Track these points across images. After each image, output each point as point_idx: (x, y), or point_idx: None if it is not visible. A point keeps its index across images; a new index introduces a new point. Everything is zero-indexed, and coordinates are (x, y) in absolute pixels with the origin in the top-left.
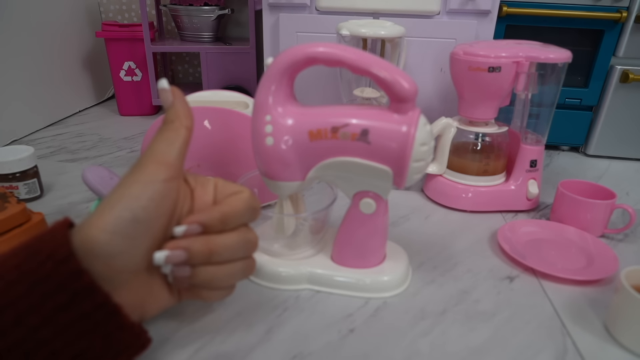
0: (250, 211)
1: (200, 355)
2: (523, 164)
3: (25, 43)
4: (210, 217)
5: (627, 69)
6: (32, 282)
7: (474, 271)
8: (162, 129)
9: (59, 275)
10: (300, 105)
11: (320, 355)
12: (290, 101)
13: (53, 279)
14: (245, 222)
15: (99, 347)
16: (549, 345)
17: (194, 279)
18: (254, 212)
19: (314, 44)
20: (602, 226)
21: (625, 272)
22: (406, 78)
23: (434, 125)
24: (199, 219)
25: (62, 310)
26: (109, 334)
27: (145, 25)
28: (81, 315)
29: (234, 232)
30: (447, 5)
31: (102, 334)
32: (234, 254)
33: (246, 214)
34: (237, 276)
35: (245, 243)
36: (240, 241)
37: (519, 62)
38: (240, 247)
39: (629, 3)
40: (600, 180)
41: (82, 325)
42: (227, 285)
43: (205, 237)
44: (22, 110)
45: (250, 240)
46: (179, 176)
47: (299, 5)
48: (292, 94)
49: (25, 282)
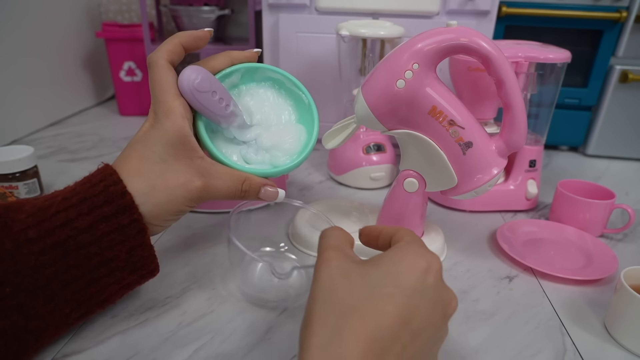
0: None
1: (200, 355)
2: (522, 164)
3: (25, 43)
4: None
5: (627, 69)
6: (83, 197)
7: (473, 271)
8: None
9: (108, 194)
10: (442, 83)
11: None
12: (435, 74)
13: (102, 196)
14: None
15: (122, 259)
16: (548, 345)
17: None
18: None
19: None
20: (601, 226)
21: (625, 272)
22: (525, 135)
23: None
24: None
25: (105, 220)
26: (132, 248)
27: (145, 25)
28: (118, 226)
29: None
30: (447, 6)
31: (129, 247)
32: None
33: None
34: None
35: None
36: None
37: (518, 62)
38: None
39: (629, 3)
40: (599, 180)
41: (116, 235)
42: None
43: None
44: (22, 110)
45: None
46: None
47: (298, 6)
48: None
49: (78, 197)
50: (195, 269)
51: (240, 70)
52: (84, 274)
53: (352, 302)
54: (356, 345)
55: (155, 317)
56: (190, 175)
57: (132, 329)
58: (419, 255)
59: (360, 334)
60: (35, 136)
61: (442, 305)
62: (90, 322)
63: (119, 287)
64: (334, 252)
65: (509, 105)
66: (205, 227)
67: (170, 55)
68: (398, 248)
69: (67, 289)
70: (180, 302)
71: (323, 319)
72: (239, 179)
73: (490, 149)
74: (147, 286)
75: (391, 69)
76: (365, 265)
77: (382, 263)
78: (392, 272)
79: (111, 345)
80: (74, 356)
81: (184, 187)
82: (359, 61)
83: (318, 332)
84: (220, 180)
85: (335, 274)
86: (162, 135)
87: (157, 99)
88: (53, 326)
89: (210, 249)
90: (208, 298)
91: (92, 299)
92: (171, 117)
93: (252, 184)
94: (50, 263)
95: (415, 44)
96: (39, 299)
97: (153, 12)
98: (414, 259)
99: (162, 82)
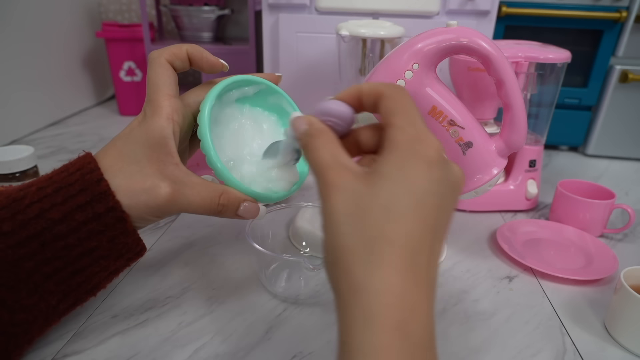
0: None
1: (200, 355)
2: (522, 163)
3: (25, 43)
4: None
5: (627, 69)
6: (59, 187)
7: (473, 271)
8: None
9: (84, 182)
10: (442, 83)
11: (320, 355)
12: (435, 74)
13: (78, 184)
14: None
15: (105, 248)
16: (548, 345)
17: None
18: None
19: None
20: (601, 226)
21: (625, 272)
22: (525, 135)
23: None
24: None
25: (79, 209)
26: (114, 236)
27: (145, 25)
28: (94, 215)
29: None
30: (447, 6)
31: (109, 236)
32: None
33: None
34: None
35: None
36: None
37: (518, 62)
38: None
39: (629, 3)
40: (599, 180)
41: (94, 225)
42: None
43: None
44: (22, 110)
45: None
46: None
47: (298, 6)
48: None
49: (53, 187)
50: (195, 269)
51: (260, 85)
52: (66, 265)
53: (374, 228)
54: (395, 273)
55: (155, 317)
56: (158, 180)
57: (132, 329)
58: (418, 145)
59: (395, 260)
60: (35, 136)
61: (451, 189)
62: (90, 322)
63: (106, 273)
64: (337, 172)
65: (509, 105)
66: (205, 227)
67: (172, 56)
68: (394, 145)
69: (50, 280)
70: (180, 302)
71: (353, 254)
72: (216, 192)
73: (490, 149)
74: (147, 286)
75: (391, 69)
76: (371, 181)
77: (387, 172)
78: (400, 182)
79: (111, 345)
80: (74, 356)
81: (148, 192)
82: (359, 61)
83: (352, 269)
84: (193, 191)
85: (347, 201)
86: (142, 134)
87: (148, 97)
88: (41, 318)
89: (210, 249)
90: (208, 298)
91: (79, 288)
92: (155, 117)
93: (230, 198)
94: (28, 256)
95: (415, 44)
96: (21, 292)
97: (153, 12)
98: (415, 155)
99: (157, 80)
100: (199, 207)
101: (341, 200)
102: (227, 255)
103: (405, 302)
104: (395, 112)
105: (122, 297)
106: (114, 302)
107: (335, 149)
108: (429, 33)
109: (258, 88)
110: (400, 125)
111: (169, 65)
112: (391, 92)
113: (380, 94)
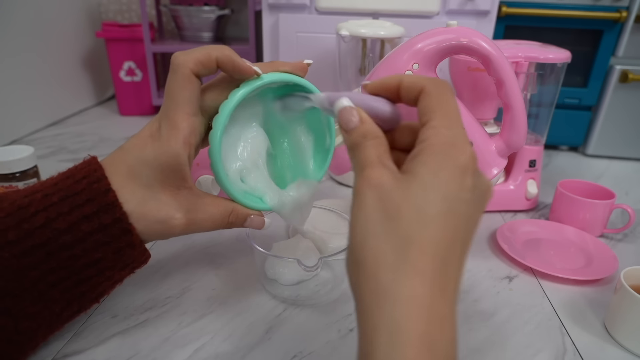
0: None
1: (200, 355)
2: (522, 163)
3: (25, 43)
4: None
5: (627, 69)
6: (65, 195)
7: (473, 271)
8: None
9: (90, 191)
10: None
11: (320, 355)
12: (435, 74)
13: (84, 194)
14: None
15: (110, 259)
16: (548, 345)
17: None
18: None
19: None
20: (601, 226)
21: (625, 272)
22: (524, 135)
23: None
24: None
25: (86, 219)
26: (120, 248)
27: (145, 25)
28: (100, 226)
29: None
30: (447, 6)
31: (115, 248)
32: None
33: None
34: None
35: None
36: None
37: (518, 62)
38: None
39: (629, 3)
40: (599, 180)
41: (99, 236)
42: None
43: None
44: (22, 110)
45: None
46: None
47: (298, 6)
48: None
49: (59, 195)
50: (195, 269)
51: (290, 84)
52: (71, 274)
53: (406, 232)
54: (424, 283)
55: (155, 317)
56: (173, 210)
57: (132, 329)
58: (452, 150)
59: (424, 269)
60: (35, 136)
61: (480, 199)
62: (90, 322)
63: (111, 282)
64: (378, 171)
65: (509, 105)
66: None
67: (198, 66)
68: (430, 147)
69: (54, 289)
70: (180, 302)
71: (381, 256)
72: (226, 211)
73: (490, 149)
74: (147, 286)
75: (391, 69)
76: (406, 182)
77: (421, 175)
78: (434, 186)
79: (111, 345)
80: (74, 356)
81: (162, 223)
82: (359, 61)
83: (378, 273)
84: (206, 215)
85: (382, 199)
86: (155, 157)
87: (166, 112)
88: (45, 325)
89: (210, 249)
90: (208, 298)
91: (83, 297)
92: (172, 140)
93: (239, 216)
94: (33, 265)
95: (415, 44)
96: (26, 300)
97: (153, 12)
98: (449, 160)
99: (177, 95)
100: (210, 228)
101: (377, 198)
102: (227, 255)
103: (433, 315)
104: (434, 112)
105: (122, 297)
106: (114, 302)
107: (384, 152)
108: (429, 33)
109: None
110: (437, 126)
111: (193, 77)
112: (433, 89)
113: (421, 89)
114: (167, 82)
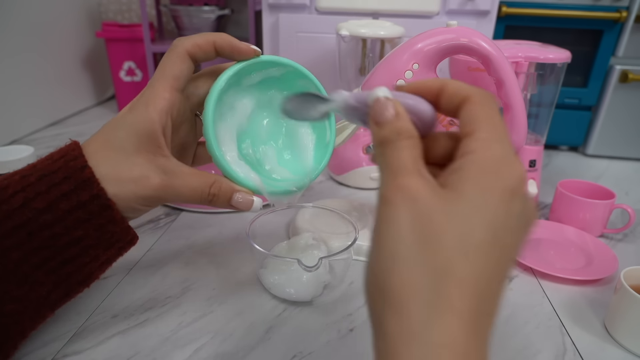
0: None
1: (200, 355)
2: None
3: (25, 43)
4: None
5: (627, 69)
6: (42, 175)
7: None
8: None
9: (67, 169)
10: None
11: (320, 355)
12: (435, 74)
13: (61, 172)
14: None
15: (93, 237)
16: (548, 345)
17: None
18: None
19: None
20: (601, 226)
21: (625, 272)
22: (525, 135)
23: None
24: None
25: (64, 197)
26: (101, 225)
27: (145, 25)
28: (78, 203)
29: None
30: (447, 6)
31: (96, 225)
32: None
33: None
34: None
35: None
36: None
37: (518, 62)
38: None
39: (629, 3)
40: (599, 180)
41: (79, 213)
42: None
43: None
44: (22, 110)
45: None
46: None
47: (298, 6)
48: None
49: (36, 175)
50: (195, 269)
51: (287, 67)
52: (54, 254)
53: (444, 262)
54: (460, 325)
55: (155, 317)
56: (147, 170)
57: (132, 329)
58: (504, 168)
59: (461, 308)
60: (35, 136)
61: (525, 226)
62: (90, 322)
63: (98, 263)
64: (416, 180)
65: (509, 105)
66: (205, 226)
67: (194, 48)
68: (478, 161)
69: (39, 270)
70: (180, 302)
71: (413, 290)
72: (207, 182)
73: None
74: (147, 286)
75: (391, 69)
76: (447, 198)
77: (466, 193)
78: (480, 208)
79: (111, 345)
80: (74, 356)
81: (136, 182)
82: (359, 61)
83: (409, 308)
84: (184, 181)
85: (419, 216)
86: (131, 122)
87: (151, 82)
88: (31, 308)
89: (210, 249)
90: (208, 298)
91: (70, 278)
92: (149, 107)
93: (222, 188)
94: (15, 246)
95: (415, 44)
96: (10, 283)
97: (153, 12)
98: (499, 180)
99: (166, 69)
100: (189, 197)
101: (413, 216)
102: (227, 255)
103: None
104: (482, 122)
105: (122, 297)
106: (114, 302)
107: (419, 157)
108: (429, 33)
109: (285, 70)
110: (486, 138)
111: (187, 58)
112: (480, 98)
113: (467, 97)
114: (162, 59)
